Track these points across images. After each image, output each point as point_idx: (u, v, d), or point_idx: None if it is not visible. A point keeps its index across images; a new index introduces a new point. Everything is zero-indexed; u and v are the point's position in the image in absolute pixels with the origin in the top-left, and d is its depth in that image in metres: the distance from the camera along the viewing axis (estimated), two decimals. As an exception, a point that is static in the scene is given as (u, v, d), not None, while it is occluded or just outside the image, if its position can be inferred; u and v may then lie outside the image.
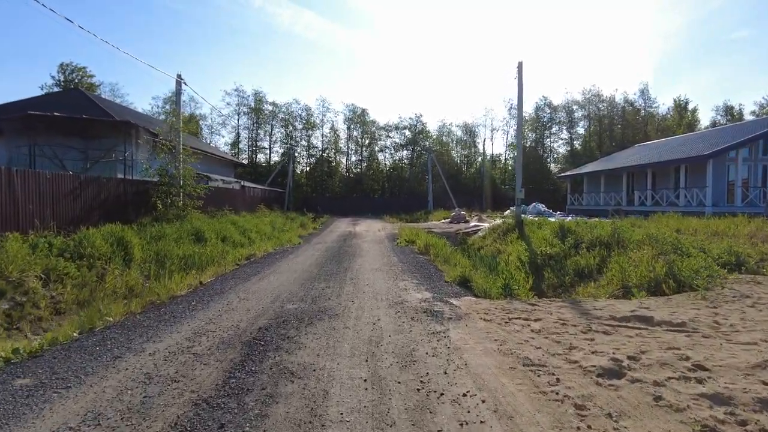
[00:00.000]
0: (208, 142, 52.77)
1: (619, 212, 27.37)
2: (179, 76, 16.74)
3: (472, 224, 22.32)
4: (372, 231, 22.31)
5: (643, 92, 58.63)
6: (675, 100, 59.24)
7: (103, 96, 45.60)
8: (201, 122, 55.12)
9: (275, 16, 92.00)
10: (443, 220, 28.55)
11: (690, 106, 58.99)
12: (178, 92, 16.95)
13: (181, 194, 15.58)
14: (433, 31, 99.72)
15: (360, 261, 11.48)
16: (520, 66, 17.85)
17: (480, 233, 19.25)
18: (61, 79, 46.41)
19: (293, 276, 9.48)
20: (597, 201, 33.36)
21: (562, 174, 39.27)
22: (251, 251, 12.38)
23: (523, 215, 18.29)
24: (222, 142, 57.29)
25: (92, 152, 16.73)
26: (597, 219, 19.60)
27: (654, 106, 58.57)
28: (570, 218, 23.10)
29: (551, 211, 32.25)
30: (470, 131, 58.80)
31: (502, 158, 59.11)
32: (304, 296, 7.44)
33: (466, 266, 10.06)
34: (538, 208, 31.53)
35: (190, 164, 16.15)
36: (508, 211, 32.33)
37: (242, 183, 26.18)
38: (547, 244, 12.36)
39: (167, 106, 53.52)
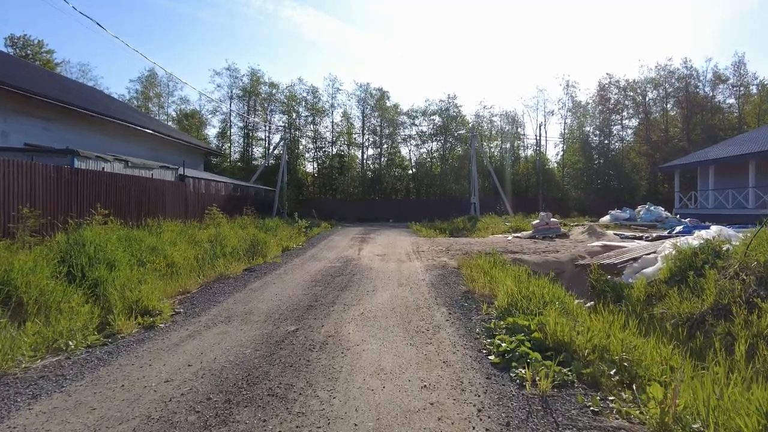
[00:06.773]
0: (206, 137, 43.40)
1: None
2: None
3: (597, 243, 11.09)
4: (394, 257, 11.52)
5: (737, 67, 45.67)
6: (759, 83, 45.53)
7: (66, 75, 37.00)
8: (183, 106, 45.87)
9: (298, 26, 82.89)
10: (513, 234, 17.31)
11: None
12: None
13: None
14: (465, 11, 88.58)
15: None
16: None
17: (648, 269, 8.20)
18: (13, 53, 37.72)
19: None
20: (722, 202, 21.29)
21: (665, 165, 27.57)
22: None
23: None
24: (213, 133, 47.64)
25: None
26: None
27: (755, 82, 45.36)
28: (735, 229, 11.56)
29: (676, 217, 20.70)
30: (514, 120, 47.43)
31: (555, 150, 47.46)
32: None
33: None
34: (656, 212, 19.98)
35: None
36: (607, 217, 20.98)
37: (180, 171, 15.82)
38: None
39: (148, 90, 44.50)
